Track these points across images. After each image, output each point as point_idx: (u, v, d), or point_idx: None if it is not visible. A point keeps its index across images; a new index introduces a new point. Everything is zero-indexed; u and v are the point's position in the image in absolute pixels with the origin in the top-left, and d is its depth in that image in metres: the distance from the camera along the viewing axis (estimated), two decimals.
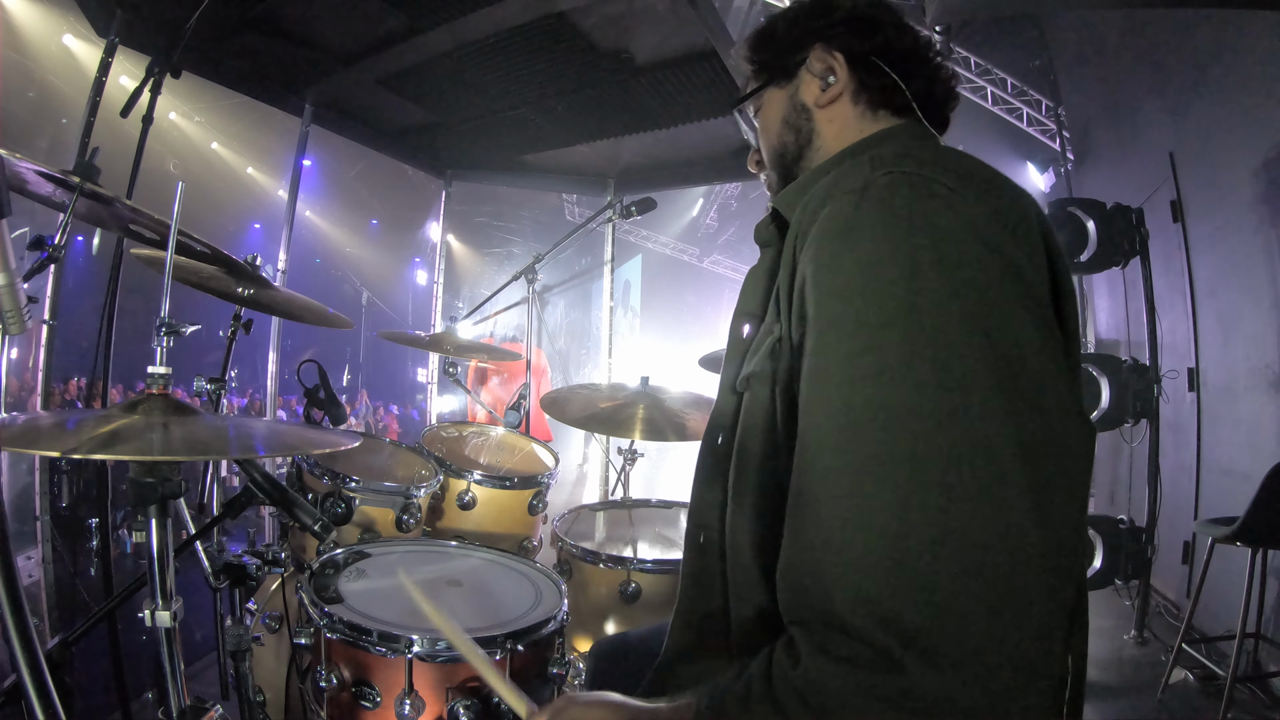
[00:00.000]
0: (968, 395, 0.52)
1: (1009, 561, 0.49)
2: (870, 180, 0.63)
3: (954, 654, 0.48)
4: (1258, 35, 3.05)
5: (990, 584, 0.49)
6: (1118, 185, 4.44)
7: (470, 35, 2.75)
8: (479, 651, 0.88)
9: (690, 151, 3.90)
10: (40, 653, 0.69)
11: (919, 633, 0.48)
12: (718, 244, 11.31)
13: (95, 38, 2.50)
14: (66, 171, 1.28)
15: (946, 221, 0.58)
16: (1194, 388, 3.64)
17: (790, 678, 0.54)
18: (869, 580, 0.51)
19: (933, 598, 0.49)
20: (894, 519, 0.51)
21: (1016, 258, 0.59)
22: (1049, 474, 0.53)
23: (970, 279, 0.56)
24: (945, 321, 0.54)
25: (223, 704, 1.12)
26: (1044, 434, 0.53)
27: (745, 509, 0.72)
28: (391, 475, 2.01)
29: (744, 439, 0.73)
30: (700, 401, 2.26)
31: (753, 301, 0.80)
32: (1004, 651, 0.49)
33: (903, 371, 0.53)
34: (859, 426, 0.54)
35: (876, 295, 0.56)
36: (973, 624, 0.48)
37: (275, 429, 1.29)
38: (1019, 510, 0.50)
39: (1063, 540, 0.52)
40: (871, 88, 0.84)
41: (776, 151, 0.91)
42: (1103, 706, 2.71)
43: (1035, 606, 0.50)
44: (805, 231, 0.66)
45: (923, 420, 0.52)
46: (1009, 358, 0.54)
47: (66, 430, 0.98)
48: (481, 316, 3.02)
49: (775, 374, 0.68)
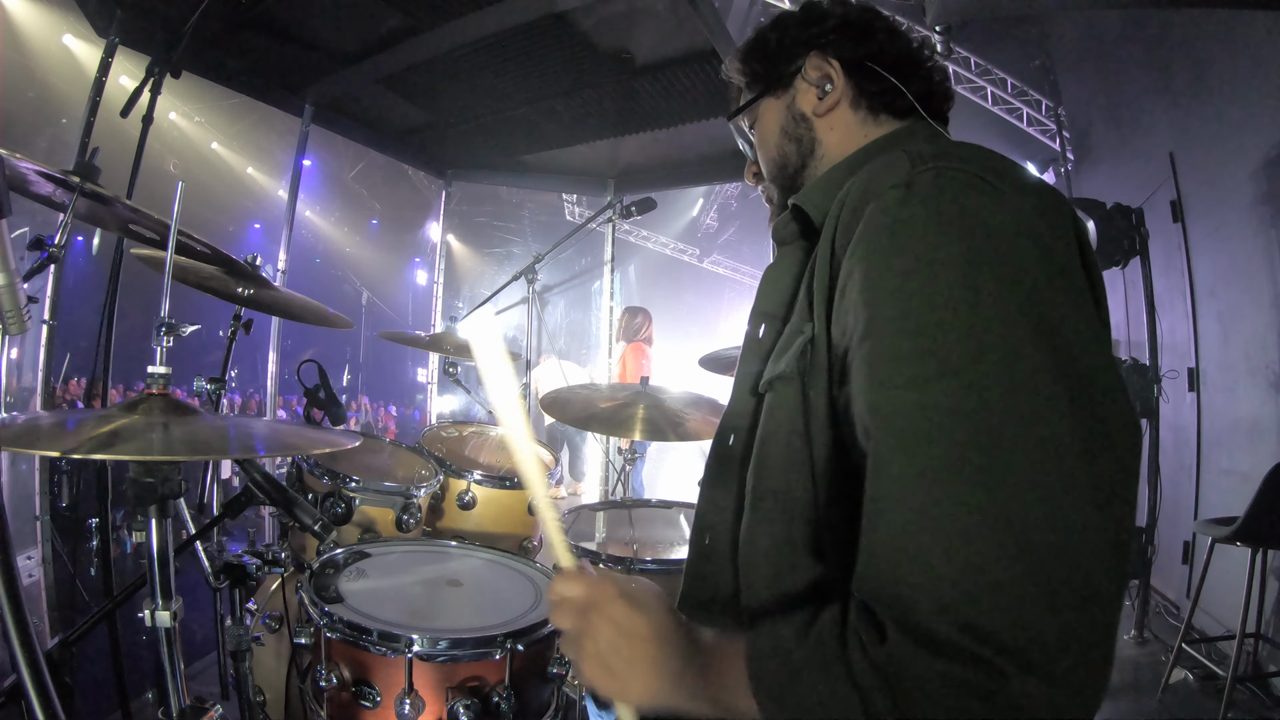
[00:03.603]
0: (1034, 396, 0.52)
1: (1085, 565, 0.49)
2: (914, 176, 0.62)
3: (1039, 657, 0.48)
4: (1258, 35, 3.05)
5: (1069, 588, 0.49)
6: (1118, 185, 4.44)
7: (470, 35, 2.75)
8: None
9: (690, 151, 3.90)
10: (40, 653, 0.69)
11: (1005, 637, 0.48)
12: (718, 244, 11.30)
13: (95, 38, 2.49)
14: (66, 171, 1.28)
15: (997, 218, 0.58)
16: (1194, 388, 3.64)
17: (871, 650, 0.52)
18: (949, 587, 0.50)
19: (1013, 602, 0.48)
20: (970, 524, 0.50)
21: (1061, 251, 0.59)
22: (1110, 473, 0.53)
23: (1023, 275, 0.55)
24: (1005, 320, 0.53)
25: (223, 704, 1.12)
26: (1102, 431, 0.53)
27: (763, 512, 0.71)
28: (391, 475, 2.01)
29: (765, 442, 0.72)
30: (700, 401, 2.26)
31: (774, 301, 0.78)
32: (1083, 652, 0.49)
33: (967, 373, 0.53)
34: (924, 430, 0.53)
35: (935, 295, 0.55)
36: (1054, 627, 0.48)
37: (275, 429, 1.29)
38: (1088, 512, 0.50)
39: (1121, 541, 0.52)
40: (870, 93, 0.84)
41: (777, 163, 0.90)
42: (1103, 706, 2.70)
43: (1107, 608, 0.50)
44: (848, 228, 0.65)
45: (990, 421, 0.51)
46: (1068, 355, 0.53)
47: (66, 430, 0.98)
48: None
49: (805, 375, 0.67)
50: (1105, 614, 0.50)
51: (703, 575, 0.80)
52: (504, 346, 0.69)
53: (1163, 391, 3.50)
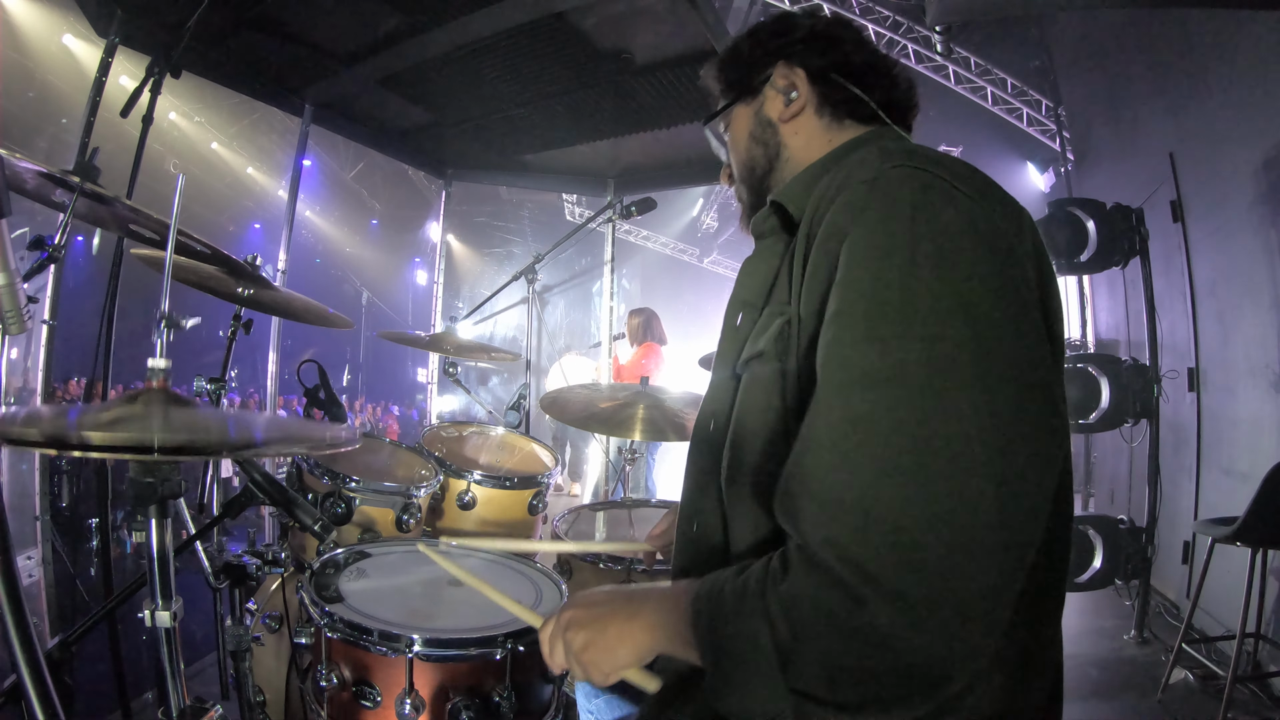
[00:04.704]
0: (949, 374, 0.58)
1: (967, 525, 0.54)
2: (882, 172, 0.68)
3: (909, 596, 0.53)
4: (1258, 35, 3.05)
5: (946, 541, 0.54)
6: (1118, 185, 4.44)
7: (470, 35, 2.74)
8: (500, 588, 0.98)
9: (690, 151, 3.90)
10: (40, 653, 0.69)
11: (880, 575, 0.54)
12: (717, 244, 11.30)
13: (95, 38, 2.49)
14: (66, 171, 1.28)
15: (946, 215, 0.63)
16: (1194, 388, 3.64)
17: (779, 584, 0.60)
18: (838, 524, 0.57)
19: (894, 546, 0.54)
20: (869, 473, 0.57)
21: (1003, 253, 0.64)
22: (1015, 457, 0.57)
23: (958, 269, 0.61)
24: (936, 307, 0.59)
25: (223, 704, 1.12)
26: (1013, 416, 0.58)
27: (741, 486, 0.75)
28: (391, 475, 2.01)
29: (741, 418, 0.77)
30: (700, 401, 2.25)
31: (752, 291, 0.83)
32: (953, 601, 0.54)
33: (895, 347, 0.59)
34: (854, 388, 0.60)
35: (882, 279, 0.62)
36: (928, 573, 0.54)
37: (274, 423, 1.29)
38: (981, 482, 0.55)
39: (1020, 522, 0.57)
40: (834, 101, 0.89)
41: (746, 166, 0.96)
42: (1103, 706, 2.71)
43: (984, 569, 0.54)
44: (821, 219, 0.70)
45: (906, 390, 0.58)
46: (989, 346, 0.59)
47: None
48: (481, 316, 3.02)
49: (783, 354, 0.72)
50: (980, 575, 0.54)
51: (696, 568, 0.82)
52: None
53: (1163, 391, 3.50)
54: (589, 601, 0.78)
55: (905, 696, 0.55)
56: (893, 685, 0.55)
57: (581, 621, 0.75)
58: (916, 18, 5.82)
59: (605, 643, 0.73)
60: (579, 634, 0.75)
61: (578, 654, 0.74)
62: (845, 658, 0.56)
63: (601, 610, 0.76)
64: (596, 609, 0.76)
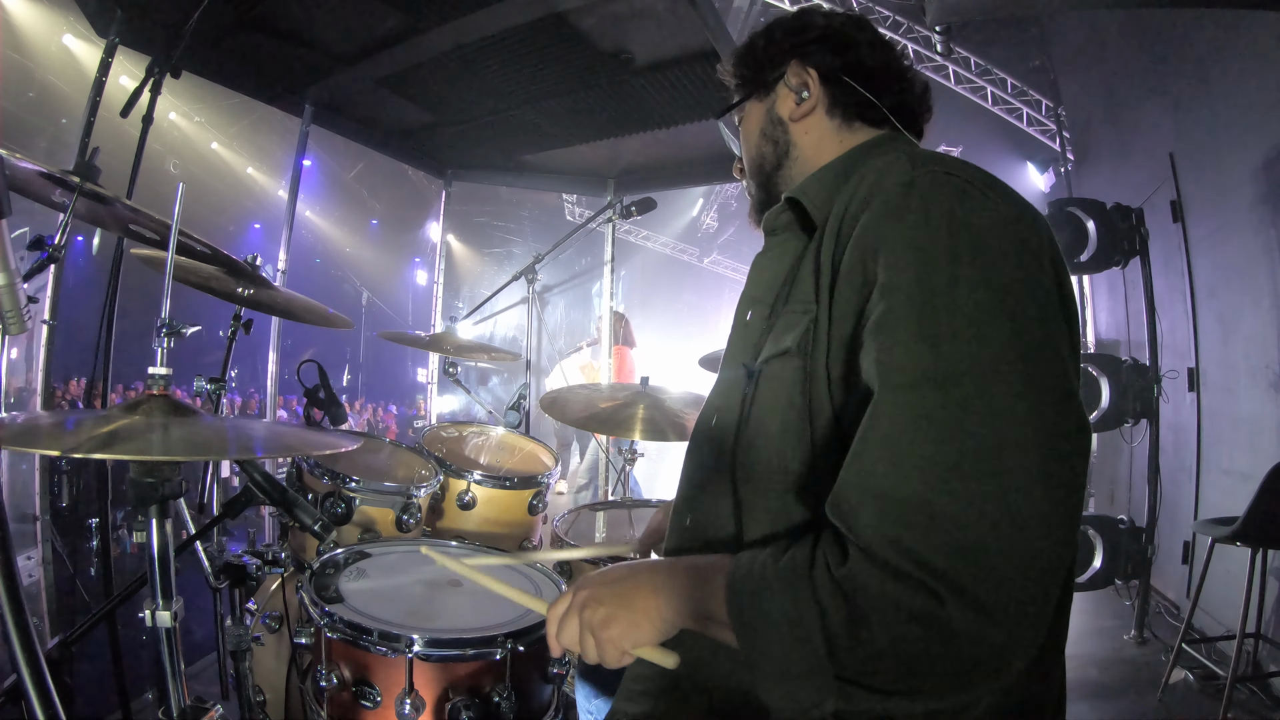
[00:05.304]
0: (999, 376, 0.59)
1: (1025, 525, 0.55)
2: (915, 176, 0.69)
3: (975, 592, 0.54)
4: (1258, 35, 3.05)
5: (1008, 539, 0.55)
6: (1118, 185, 4.44)
7: (470, 35, 2.74)
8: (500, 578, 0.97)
9: (690, 151, 3.90)
10: (40, 653, 0.69)
11: (947, 572, 0.55)
12: (717, 244, 11.29)
13: (95, 38, 2.49)
14: (66, 171, 1.28)
15: (981, 220, 0.65)
16: (1194, 388, 3.64)
17: (834, 570, 0.59)
18: (901, 523, 0.57)
19: (959, 544, 0.55)
20: (931, 474, 0.57)
21: (1032, 253, 0.65)
22: (1059, 456, 0.58)
23: (996, 270, 0.62)
24: (976, 305, 0.61)
25: (223, 704, 1.12)
26: (1056, 418, 0.59)
27: (759, 482, 0.74)
28: (391, 475, 2.01)
29: (759, 415, 0.76)
30: (700, 401, 2.26)
31: (762, 287, 0.84)
32: (1014, 595, 0.55)
33: (947, 349, 0.60)
34: (910, 390, 0.60)
35: (927, 283, 0.62)
36: (993, 570, 0.55)
37: (274, 430, 1.29)
38: (1034, 481, 0.56)
39: (1069, 516, 0.58)
40: (845, 102, 0.89)
41: (755, 162, 0.96)
42: (1103, 706, 2.71)
43: (1043, 567, 0.56)
44: (855, 219, 0.70)
45: (962, 391, 0.59)
46: (1032, 346, 0.60)
47: (66, 430, 0.98)
48: (481, 316, 3.02)
49: (808, 353, 0.72)
50: (1039, 572, 0.56)
51: (689, 553, 0.82)
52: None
53: (1163, 391, 3.50)
54: (609, 578, 0.75)
55: (965, 684, 0.57)
56: (953, 673, 0.56)
57: (602, 598, 0.73)
58: (916, 18, 5.82)
59: (630, 617, 0.71)
60: (599, 609, 0.72)
61: (597, 630, 0.72)
62: (908, 646, 0.56)
63: (625, 585, 0.74)
64: (619, 584, 0.74)
